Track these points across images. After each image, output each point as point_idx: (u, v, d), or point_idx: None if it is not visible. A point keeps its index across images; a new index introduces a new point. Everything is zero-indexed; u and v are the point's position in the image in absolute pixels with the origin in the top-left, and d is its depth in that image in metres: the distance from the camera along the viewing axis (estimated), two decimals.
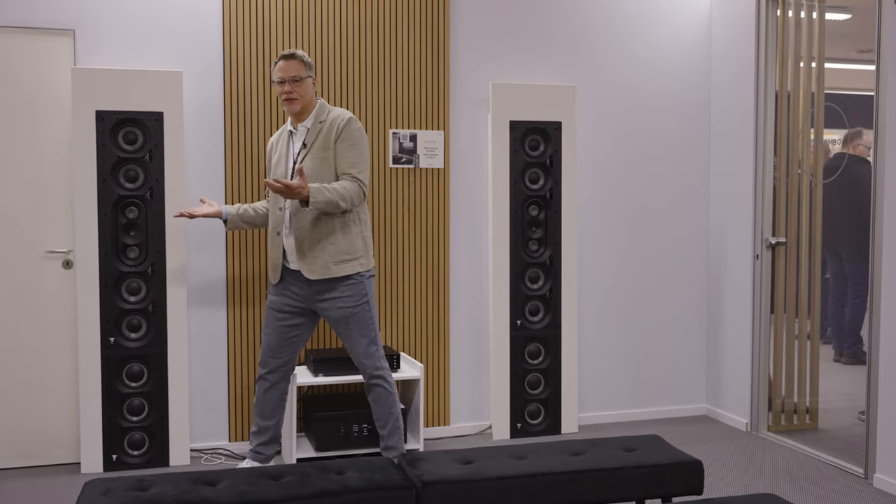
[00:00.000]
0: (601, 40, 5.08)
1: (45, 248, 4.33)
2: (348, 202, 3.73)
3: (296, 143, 3.90)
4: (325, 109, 3.91)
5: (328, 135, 3.82)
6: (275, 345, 3.91)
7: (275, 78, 3.85)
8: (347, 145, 3.81)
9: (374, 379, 3.86)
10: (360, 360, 3.85)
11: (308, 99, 3.86)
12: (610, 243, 5.16)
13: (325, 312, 3.84)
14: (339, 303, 3.80)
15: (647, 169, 5.20)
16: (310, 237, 3.77)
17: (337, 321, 3.82)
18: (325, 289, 3.80)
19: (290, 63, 3.82)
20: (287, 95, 3.81)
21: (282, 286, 3.89)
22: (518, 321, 4.83)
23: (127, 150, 4.21)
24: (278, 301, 3.89)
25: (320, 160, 3.80)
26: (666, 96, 5.21)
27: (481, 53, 4.87)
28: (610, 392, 5.21)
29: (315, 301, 3.84)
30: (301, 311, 3.89)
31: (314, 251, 3.76)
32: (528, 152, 4.81)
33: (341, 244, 3.79)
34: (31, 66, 4.25)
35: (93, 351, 4.19)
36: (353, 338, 3.83)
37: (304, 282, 3.82)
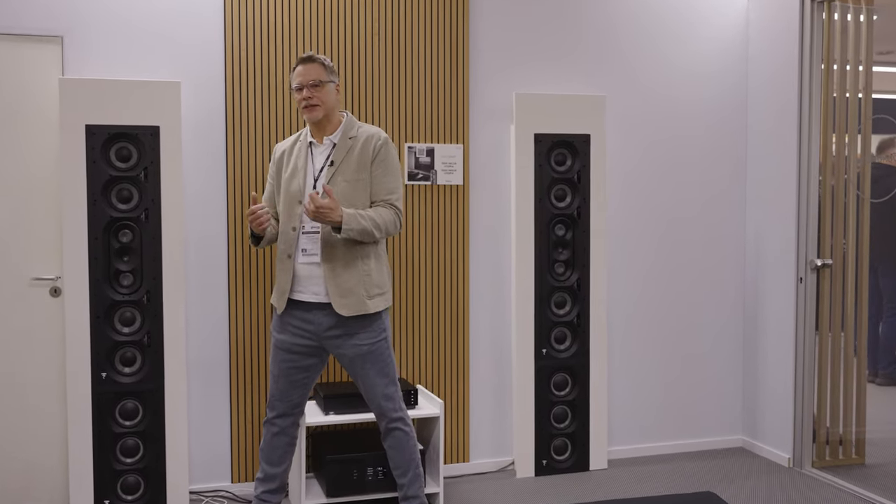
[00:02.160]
0: (631, 46, 4.72)
1: (31, 274, 3.97)
2: (383, 232, 3.41)
3: (318, 157, 3.52)
4: (355, 125, 3.55)
5: (363, 155, 3.46)
6: (284, 387, 3.54)
7: (293, 84, 3.49)
8: (385, 170, 3.48)
9: (393, 423, 3.50)
10: (379, 403, 3.49)
11: (331, 106, 3.49)
12: (638, 264, 4.80)
13: (338, 350, 3.47)
14: (355, 340, 3.43)
15: (680, 184, 4.85)
16: (346, 268, 3.40)
17: (352, 360, 3.46)
18: (342, 324, 3.43)
19: (310, 66, 3.46)
20: (307, 102, 3.44)
21: (289, 322, 3.51)
22: (543, 349, 4.47)
23: (120, 168, 3.85)
24: (286, 341, 3.51)
25: (353, 182, 3.44)
26: (699, 104, 4.85)
27: (503, 61, 4.51)
28: (640, 423, 4.85)
29: (327, 338, 3.47)
30: (312, 350, 3.51)
31: (349, 283, 3.40)
32: (555, 167, 4.45)
33: (375, 276, 3.45)
34: (14, 75, 3.89)
35: (83, 386, 3.83)
36: (369, 378, 3.46)
37: (316, 316, 3.45)
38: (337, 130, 3.51)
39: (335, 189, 3.42)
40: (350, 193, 3.42)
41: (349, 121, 3.54)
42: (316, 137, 3.53)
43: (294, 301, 3.49)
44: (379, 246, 3.50)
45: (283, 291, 3.48)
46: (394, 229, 3.45)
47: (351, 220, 3.30)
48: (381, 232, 3.40)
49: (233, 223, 4.12)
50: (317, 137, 3.53)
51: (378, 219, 3.38)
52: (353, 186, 3.43)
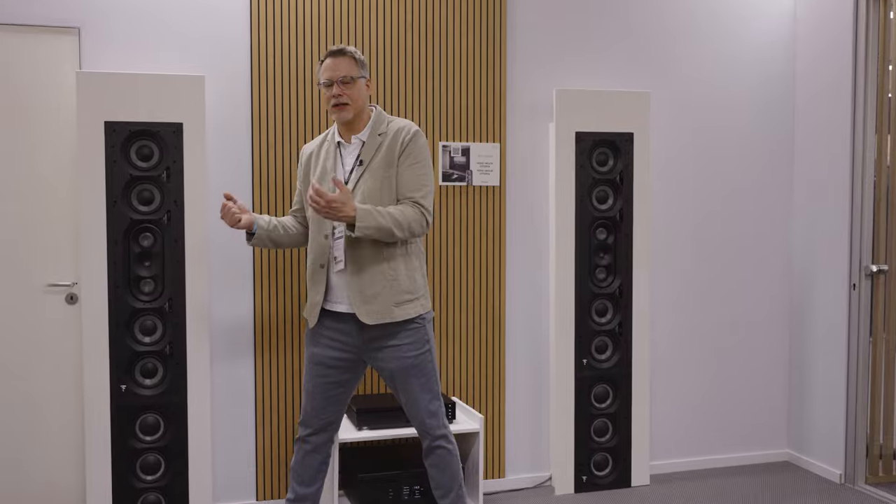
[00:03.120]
0: (675, 41, 4.49)
1: (46, 280, 3.74)
2: (405, 231, 3.13)
3: (347, 157, 3.27)
4: (384, 119, 3.29)
5: (391, 150, 3.20)
6: (318, 404, 3.31)
7: (321, 79, 3.23)
8: (412, 163, 3.20)
9: (437, 441, 3.27)
10: (422, 420, 3.25)
11: (361, 104, 3.23)
12: (680, 270, 4.57)
13: (379, 364, 3.23)
14: (398, 352, 3.19)
15: (723, 186, 4.62)
16: (370, 272, 3.16)
17: (394, 373, 3.22)
18: (381, 335, 3.20)
19: (340, 61, 3.19)
20: (337, 100, 3.17)
21: (323, 334, 3.27)
22: (584, 359, 4.24)
23: (141, 168, 3.62)
24: (321, 354, 3.27)
25: (381, 180, 3.18)
26: (745, 103, 4.62)
27: (543, 55, 4.28)
28: (682, 437, 4.62)
29: (368, 350, 3.23)
30: (349, 363, 3.28)
31: (373, 289, 3.15)
32: (596, 168, 4.22)
33: (403, 281, 3.19)
34: (28, 69, 3.66)
35: (101, 399, 3.61)
36: (412, 392, 3.23)
37: (353, 327, 3.22)
38: (365, 128, 3.26)
39: (363, 188, 3.18)
40: (377, 192, 3.17)
41: (378, 116, 3.28)
42: (344, 137, 3.27)
43: (328, 312, 3.26)
44: (409, 247, 3.23)
45: (315, 304, 3.24)
46: (419, 229, 3.17)
47: (366, 217, 3.03)
48: (402, 231, 3.12)
49: None
50: (345, 137, 3.27)
51: (399, 216, 3.10)
52: (380, 184, 3.17)
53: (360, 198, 3.15)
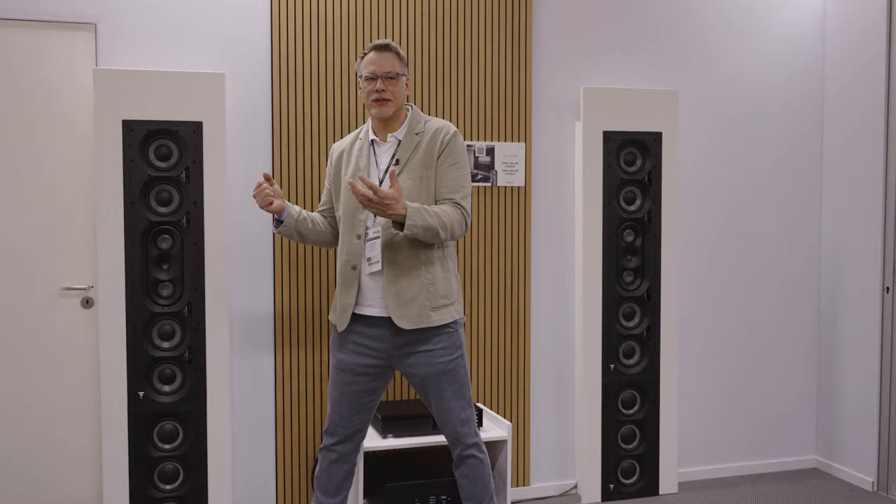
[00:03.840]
0: (703, 38, 4.39)
1: (61, 283, 3.63)
2: (448, 233, 3.02)
3: (382, 156, 3.16)
4: (421, 119, 3.19)
5: (429, 150, 3.10)
6: (345, 412, 3.19)
7: (364, 73, 3.11)
8: (452, 164, 3.10)
9: (468, 450, 3.15)
10: (454, 428, 3.14)
11: (401, 102, 3.14)
12: (707, 272, 4.47)
13: (410, 369, 3.12)
14: (430, 357, 3.08)
15: (752, 188, 4.51)
16: (407, 275, 3.04)
17: (425, 380, 3.11)
18: (413, 340, 3.09)
19: (386, 56, 3.08)
20: (379, 95, 3.06)
21: (351, 339, 3.16)
22: (611, 364, 4.13)
23: (159, 168, 3.51)
24: (349, 361, 3.16)
25: (419, 181, 3.08)
26: (774, 101, 4.52)
27: (569, 53, 4.18)
28: (710, 443, 4.51)
29: (399, 356, 3.12)
30: (378, 370, 3.17)
31: (410, 292, 3.04)
32: (624, 168, 4.12)
33: (440, 285, 3.09)
34: (43, 66, 3.56)
35: (118, 407, 3.50)
36: (444, 400, 3.12)
37: (384, 332, 3.11)
38: (402, 126, 3.17)
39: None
40: (414, 193, 3.07)
41: (415, 115, 3.19)
42: (379, 135, 3.18)
43: (358, 316, 3.15)
44: (445, 251, 3.14)
45: (346, 307, 3.13)
46: (459, 231, 3.07)
47: (416, 215, 2.92)
48: (446, 232, 3.01)
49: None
50: (380, 135, 3.18)
51: (445, 217, 3.00)
52: (417, 185, 3.07)
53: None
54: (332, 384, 3.22)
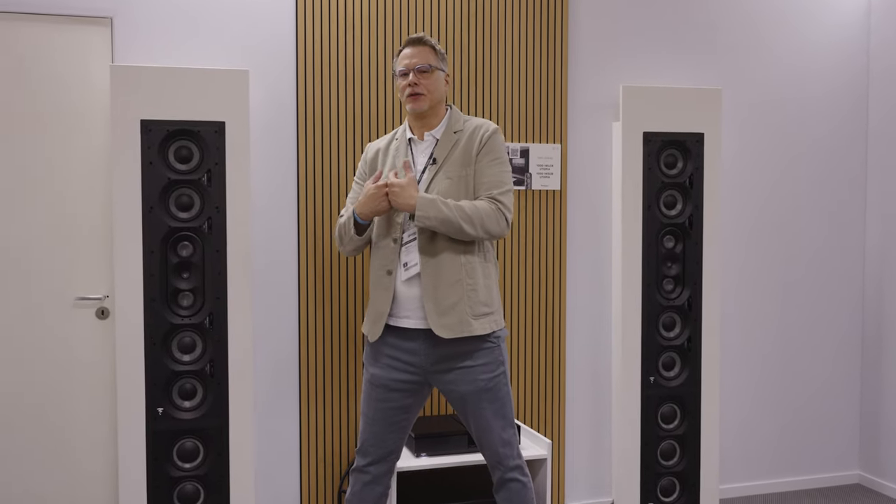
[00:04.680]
0: (746, 33, 4.19)
1: (75, 293, 3.43)
2: (478, 228, 2.82)
3: (419, 156, 2.98)
4: (460, 117, 3.02)
5: (468, 148, 2.93)
6: (380, 431, 2.99)
7: (398, 68, 2.97)
8: (491, 160, 2.92)
9: (510, 472, 2.95)
10: (495, 450, 2.94)
11: (438, 98, 2.97)
12: (747, 280, 4.27)
13: (448, 386, 2.92)
14: (471, 374, 2.88)
15: (795, 190, 4.32)
16: (447, 280, 2.85)
17: (465, 397, 2.91)
18: (452, 354, 2.89)
19: (419, 49, 2.93)
20: (413, 89, 2.91)
21: (385, 353, 2.96)
22: (651, 377, 3.93)
23: (179, 170, 3.31)
24: (383, 376, 2.96)
25: (457, 179, 2.90)
26: (818, 100, 4.32)
27: (606, 50, 3.98)
28: (751, 458, 4.32)
29: (436, 371, 2.92)
30: (415, 386, 2.97)
31: (450, 299, 2.84)
32: (664, 170, 3.92)
33: (482, 291, 2.90)
34: (55, 63, 3.35)
35: (136, 423, 3.29)
36: (485, 419, 2.92)
37: (421, 345, 2.91)
38: (440, 124, 2.98)
39: (437, 188, 2.89)
40: (452, 192, 2.89)
41: (454, 114, 3.02)
42: (416, 133, 3.00)
43: (392, 328, 2.95)
44: (486, 256, 2.95)
45: (380, 314, 2.93)
46: (495, 227, 2.86)
47: (428, 206, 2.76)
48: (474, 227, 2.82)
49: (304, 235, 3.58)
50: (417, 133, 2.99)
51: (470, 210, 2.81)
52: (455, 184, 2.90)
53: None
54: (365, 401, 3.02)
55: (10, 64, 3.31)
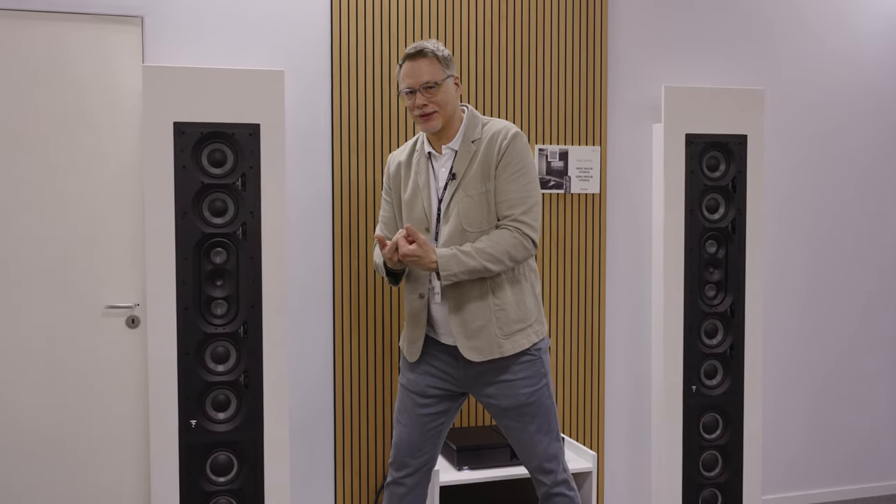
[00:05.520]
0: (789, 31, 4.09)
1: (105, 301, 3.32)
2: (505, 261, 2.66)
3: (439, 169, 2.81)
4: (478, 122, 2.81)
5: (486, 160, 2.73)
6: (415, 439, 2.88)
7: (401, 87, 2.77)
8: (512, 173, 2.70)
9: (557, 487, 2.84)
10: (540, 465, 2.83)
11: (451, 109, 2.76)
12: (788, 286, 4.16)
13: (488, 400, 2.81)
14: (511, 388, 2.77)
15: (840, 194, 4.21)
16: (472, 304, 2.71)
17: (506, 412, 2.80)
18: (490, 370, 2.78)
19: (420, 64, 2.70)
20: (421, 111, 2.71)
21: (423, 359, 2.86)
22: (693, 386, 3.82)
23: (213, 175, 3.20)
24: (419, 381, 2.85)
25: (477, 197, 2.71)
26: (864, 101, 4.21)
27: (647, 49, 3.88)
28: (793, 469, 4.21)
29: (476, 385, 2.81)
30: (451, 394, 2.86)
31: (477, 321, 2.71)
32: (707, 173, 3.81)
33: (511, 309, 2.74)
34: (84, 64, 3.25)
35: (168, 436, 3.18)
36: (528, 433, 2.80)
37: (459, 360, 2.80)
38: (457, 134, 2.79)
39: (458, 207, 2.73)
40: (473, 211, 2.71)
41: (471, 119, 2.80)
42: (434, 147, 2.82)
43: (430, 339, 2.84)
44: (516, 270, 2.78)
45: (415, 338, 2.82)
46: (522, 255, 2.69)
47: (449, 263, 2.61)
48: (500, 263, 2.66)
49: (339, 241, 3.48)
50: (435, 147, 2.82)
51: (492, 249, 2.64)
52: (476, 202, 2.71)
53: (456, 218, 2.71)
54: (400, 408, 2.91)
55: (36, 65, 3.20)
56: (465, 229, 2.70)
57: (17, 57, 3.19)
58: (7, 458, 3.24)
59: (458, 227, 2.70)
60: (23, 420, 3.25)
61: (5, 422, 3.24)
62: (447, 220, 2.71)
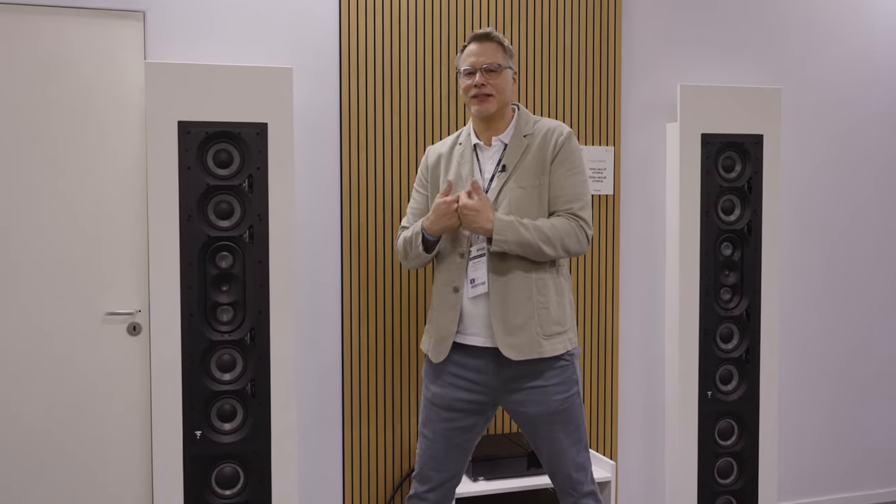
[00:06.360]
0: (806, 29, 4.01)
1: (105, 308, 3.20)
2: (558, 248, 2.63)
3: (486, 162, 2.76)
4: (529, 119, 2.79)
5: (541, 154, 2.70)
6: (441, 454, 2.78)
7: (463, 66, 2.73)
8: (568, 170, 2.70)
9: (584, 499, 2.75)
10: (568, 475, 2.73)
11: (506, 99, 2.74)
12: (803, 288, 4.09)
13: (518, 407, 2.72)
14: (543, 395, 2.68)
15: (857, 196, 4.14)
16: (516, 298, 2.64)
17: (536, 420, 2.70)
18: (522, 374, 2.68)
19: (486, 46, 2.70)
20: (479, 90, 2.68)
21: (449, 370, 2.75)
22: (708, 391, 3.73)
23: (219, 176, 3.08)
24: (446, 395, 2.75)
25: (530, 189, 2.68)
26: (879, 100, 4.14)
27: (661, 48, 3.79)
28: (809, 474, 4.14)
29: (505, 392, 2.72)
30: (481, 406, 2.76)
31: (519, 318, 2.63)
32: (722, 174, 3.72)
33: (554, 310, 2.68)
34: (84, 60, 3.12)
35: (172, 447, 3.06)
36: (558, 443, 2.71)
37: (489, 364, 2.70)
38: (508, 127, 2.76)
39: (508, 197, 2.67)
40: (525, 203, 2.67)
41: (523, 115, 2.80)
42: (482, 138, 2.78)
43: (456, 345, 2.74)
44: (559, 272, 2.74)
45: (445, 335, 2.71)
46: (575, 246, 2.66)
47: (505, 229, 2.57)
48: (553, 248, 2.62)
49: (348, 244, 3.36)
50: (483, 138, 2.78)
51: (549, 230, 2.61)
52: (528, 194, 2.68)
53: (506, 209, 2.66)
54: (424, 421, 2.81)
55: (35, 61, 3.07)
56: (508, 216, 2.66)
57: (16, 52, 3.06)
58: (6, 470, 3.11)
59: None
60: (21, 431, 3.12)
61: (2, 433, 3.10)
62: (496, 211, 2.65)
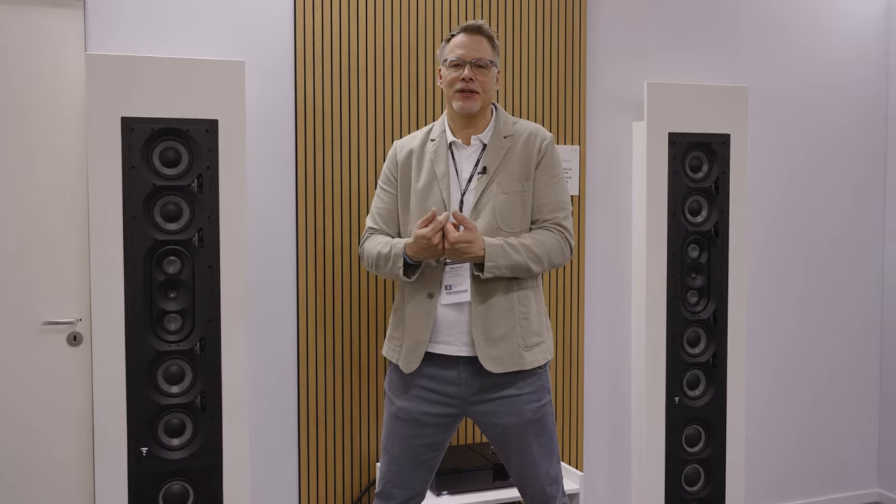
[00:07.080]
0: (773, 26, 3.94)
1: (43, 317, 2.99)
2: (544, 264, 2.56)
3: (463, 162, 2.63)
4: (508, 119, 2.68)
5: (525, 158, 2.59)
6: (405, 471, 2.64)
7: (450, 57, 2.59)
8: (552, 177, 2.62)
9: None
10: (541, 488, 2.62)
11: (489, 98, 2.64)
12: (776, 291, 4.03)
13: (490, 419, 2.59)
14: (516, 404, 2.56)
15: (825, 196, 4.09)
16: (498, 309, 2.53)
17: (508, 431, 2.58)
18: (495, 384, 2.56)
19: (477, 40, 2.58)
20: (465, 85, 2.54)
21: (417, 384, 2.61)
22: (676, 397, 3.64)
23: (166, 175, 2.90)
24: (414, 409, 2.61)
25: (514, 195, 2.57)
26: (839, 100, 4.10)
27: (627, 45, 3.69)
28: (772, 479, 4.09)
29: (476, 402, 2.59)
30: (449, 419, 2.63)
31: (501, 328, 2.52)
32: (689, 174, 3.64)
33: (533, 320, 2.59)
34: (19, 52, 2.91)
35: (116, 465, 2.87)
36: (530, 454, 2.60)
37: (463, 373, 2.57)
38: (487, 127, 2.64)
39: (492, 203, 2.56)
40: (508, 210, 2.57)
41: (501, 115, 2.68)
42: (459, 136, 2.64)
43: (426, 354, 2.60)
44: (538, 282, 2.66)
45: (418, 343, 2.57)
46: (560, 259, 2.60)
47: (497, 254, 2.47)
48: (541, 265, 2.55)
49: (304, 247, 3.20)
50: (461, 136, 2.64)
51: (537, 248, 2.53)
52: (512, 200, 2.57)
53: (489, 214, 2.54)
54: (389, 437, 2.67)
55: None
56: (501, 228, 2.55)
57: None
58: None
59: (493, 225, 2.54)
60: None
61: None
62: (477, 216, 2.54)
